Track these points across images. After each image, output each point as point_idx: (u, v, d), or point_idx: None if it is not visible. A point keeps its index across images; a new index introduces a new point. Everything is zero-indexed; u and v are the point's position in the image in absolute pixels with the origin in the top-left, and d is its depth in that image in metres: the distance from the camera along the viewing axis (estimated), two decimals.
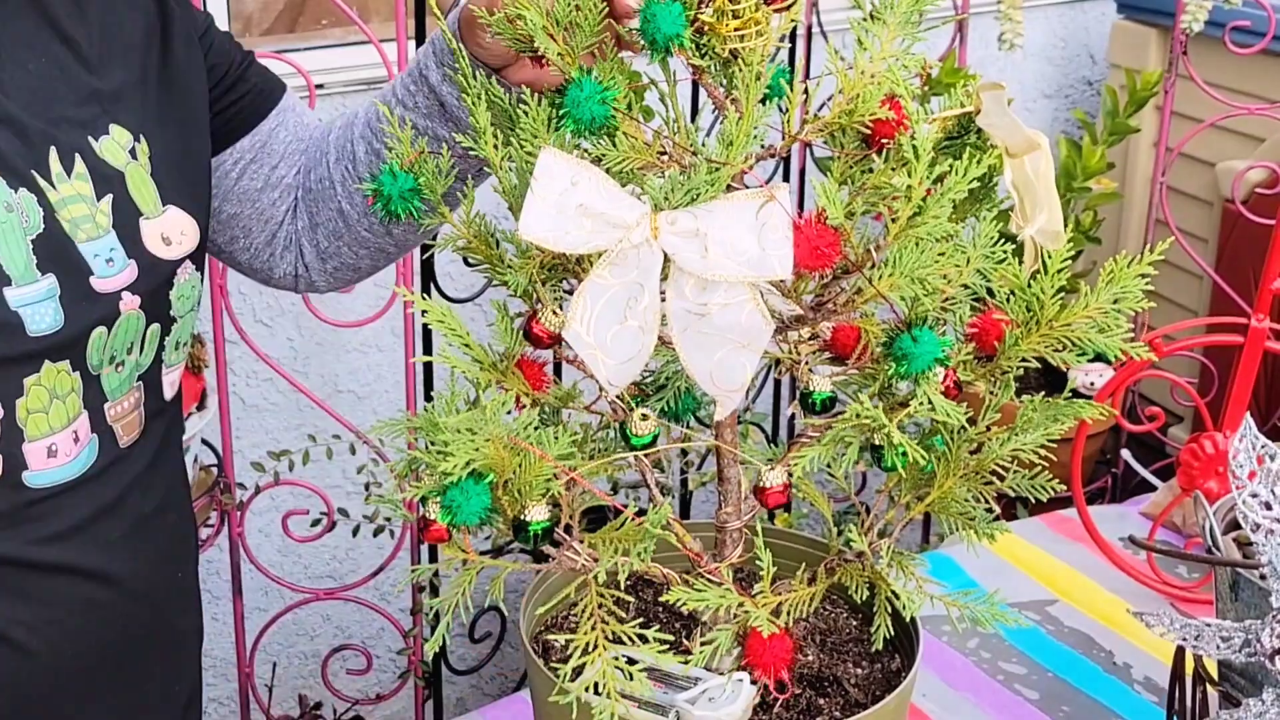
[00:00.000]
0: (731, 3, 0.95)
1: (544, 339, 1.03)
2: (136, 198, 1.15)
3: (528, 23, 0.98)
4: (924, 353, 0.96)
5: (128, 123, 1.16)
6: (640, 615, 1.18)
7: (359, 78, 2.42)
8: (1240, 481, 1.04)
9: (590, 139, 0.98)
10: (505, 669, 2.86)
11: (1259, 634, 1.02)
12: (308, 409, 2.49)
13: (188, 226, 1.19)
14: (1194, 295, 2.93)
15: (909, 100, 0.96)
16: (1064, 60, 3.25)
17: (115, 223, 1.12)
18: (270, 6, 2.49)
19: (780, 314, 1.01)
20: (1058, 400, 1.08)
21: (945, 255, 0.98)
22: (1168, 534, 1.76)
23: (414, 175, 1.05)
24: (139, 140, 1.16)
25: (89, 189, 1.11)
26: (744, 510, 1.07)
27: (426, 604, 2.19)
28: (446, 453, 0.92)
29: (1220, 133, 2.63)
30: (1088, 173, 2.69)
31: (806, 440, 1.04)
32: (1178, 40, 2.38)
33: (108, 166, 1.13)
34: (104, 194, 1.12)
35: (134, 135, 1.16)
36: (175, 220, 1.18)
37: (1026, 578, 1.68)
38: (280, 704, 2.63)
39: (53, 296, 1.07)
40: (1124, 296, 1.00)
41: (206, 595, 2.57)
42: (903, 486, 1.09)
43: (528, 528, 0.97)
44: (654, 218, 0.92)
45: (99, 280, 1.10)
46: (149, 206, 1.16)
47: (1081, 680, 1.49)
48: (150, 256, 1.15)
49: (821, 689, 1.11)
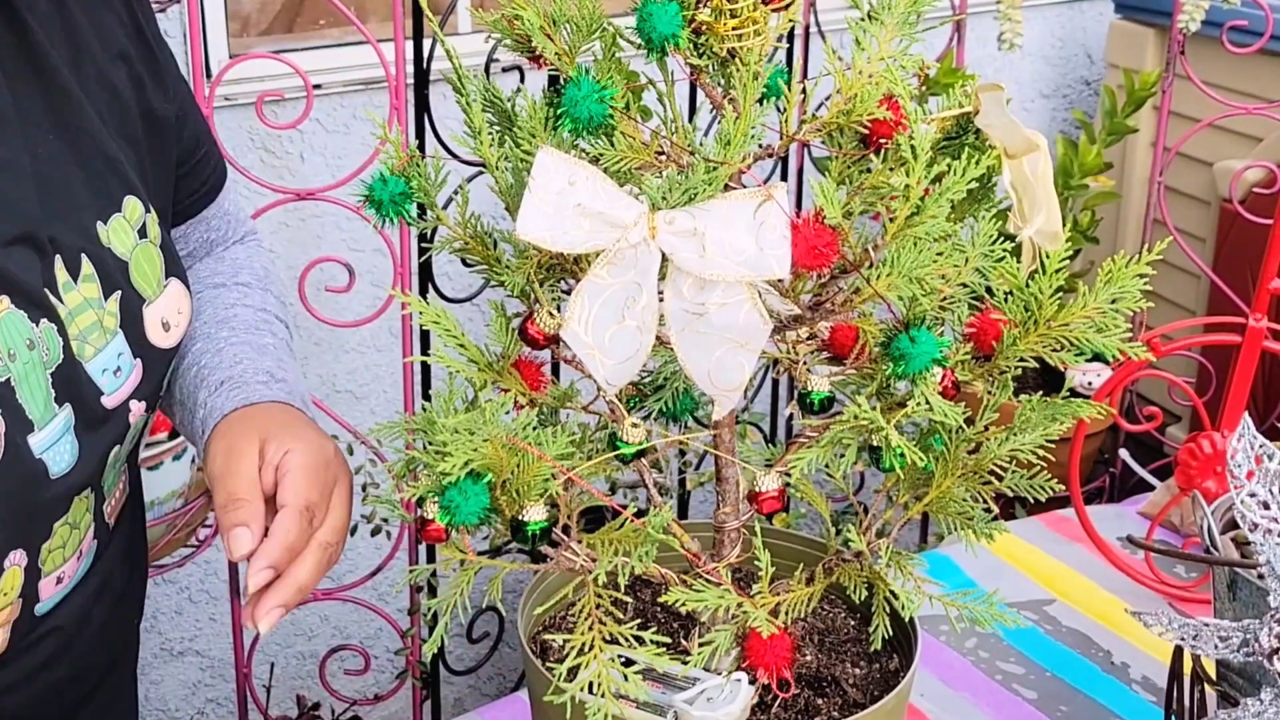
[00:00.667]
0: (729, 2, 0.95)
1: (541, 339, 1.03)
2: (140, 284, 1.07)
3: (525, 23, 0.98)
4: (922, 353, 0.96)
5: (138, 193, 1.08)
6: (639, 615, 1.18)
7: (356, 78, 2.42)
8: (1238, 481, 1.04)
9: (588, 138, 0.98)
10: (503, 669, 2.86)
11: (1257, 633, 1.02)
12: None
13: (184, 303, 1.13)
14: (1192, 295, 2.94)
15: (907, 100, 0.96)
16: (1062, 60, 3.25)
17: (122, 321, 1.05)
18: (267, 6, 2.48)
19: (778, 313, 1.01)
20: (1056, 400, 1.08)
21: (943, 255, 0.98)
22: (1166, 533, 1.76)
23: (405, 180, 1.04)
24: (149, 210, 1.09)
25: (96, 291, 1.03)
26: (742, 510, 1.07)
27: (424, 604, 2.19)
28: (444, 453, 0.92)
29: (1218, 132, 2.63)
30: (1084, 172, 2.70)
31: (804, 441, 1.04)
32: (1175, 40, 2.38)
33: (113, 257, 1.05)
34: (111, 291, 1.04)
35: (145, 205, 1.08)
36: (175, 297, 1.11)
37: (1025, 577, 1.67)
38: (278, 704, 2.63)
39: (68, 429, 1.00)
40: (1122, 296, 1.00)
41: (204, 596, 2.58)
42: (901, 486, 1.09)
43: (526, 528, 0.97)
44: (652, 217, 0.92)
45: (108, 398, 1.04)
46: (151, 289, 1.08)
47: (1079, 680, 1.49)
48: (154, 350, 1.09)
49: (820, 689, 1.11)
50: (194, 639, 2.60)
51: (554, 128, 0.98)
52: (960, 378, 1.03)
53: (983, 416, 1.06)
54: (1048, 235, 1.02)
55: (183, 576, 2.52)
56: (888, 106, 0.97)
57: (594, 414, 1.09)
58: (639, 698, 0.99)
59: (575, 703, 0.96)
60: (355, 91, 2.43)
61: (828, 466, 1.03)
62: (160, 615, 2.55)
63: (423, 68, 2.04)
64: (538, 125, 0.98)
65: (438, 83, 2.19)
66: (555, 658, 1.09)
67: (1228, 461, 1.04)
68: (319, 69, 2.37)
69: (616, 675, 0.97)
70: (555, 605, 1.15)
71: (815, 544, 1.20)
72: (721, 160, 0.94)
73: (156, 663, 2.58)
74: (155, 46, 1.15)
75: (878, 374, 1.00)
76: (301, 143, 2.42)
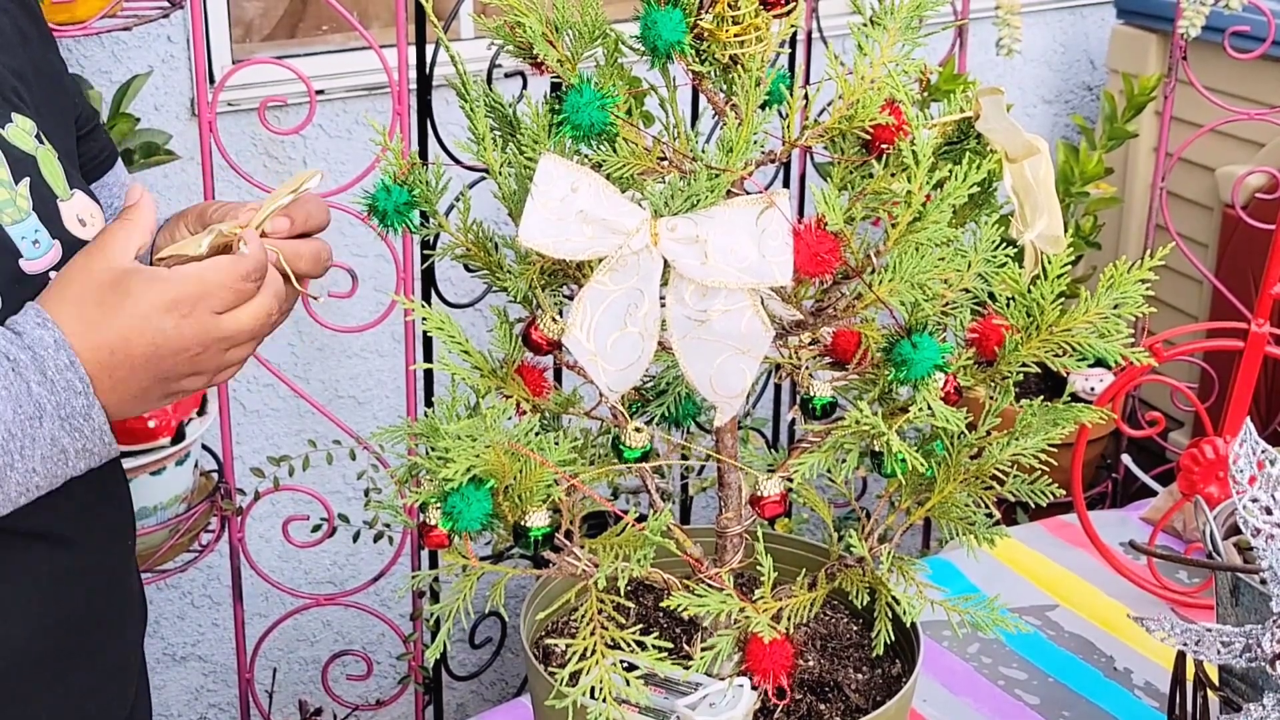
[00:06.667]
0: (731, 8, 0.95)
1: (543, 345, 1.03)
2: (50, 181, 1.13)
3: (527, 29, 0.98)
4: (923, 359, 0.96)
5: (27, 113, 1.14)
6: (641, 620, 1.18)
7: (359, 83, 2.42)
8: (1241, 486, 1.04)
9: (590, 144, 0.98)
10: (506, 674, 2.86)
11: (1259, 639, 1.02)
12: (308, 414, 2.49)
13: (95, 210, 1.17)
14: (1194, 300, 2.93)
15: (909, 105, 0.96)
16: (1063, 65, 3.25)
17: (34, 205, 1.10)
18: (270, 12, 2.49)
19: (780, 318, 1.01)
20: (1058, 405, 1.08)
21: (945, 260, 0.98)
22: (1168, 539, 1.76)
23: (408, 189, 1.05)
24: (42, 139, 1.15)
25: (5, 173, 1.08)
26: (744, 515, 1.07)
27: (427, 610, 2.19)
28: (447, 458, 0.92)
29: (1220, 138, 2.63)
30: (1085, 178, 2.70)
31: (807, 446, 1.04)
32: (1177, 45, 2.38)
33: (19, 150, 1.11)
34: (20, 177, 1.10)
35: (35, 124, 1.14)
36: (84, 203, 1.16)
37: (1027, 583, 1.67)
38: (281, 710, 2.63)
39: None
40: (1124, 301, 1.00)
41: (207, 601, 2.58)
42: (903, 492, 1.09)
43: (528, 533, 0.97)
44: (654, 224, 0.92)
45: (27, 262, 1.08)
46: (61, 189, 1.13)
47: (1082, 685, 1.49)
48: (71, 237, 1.12)
49: (822, 694, 1.11)
50: (196, 644, 2.60)
51: (556, 134, 0.98)
52: (962, 383, 1.03)
53: (985, 421, 1.06)
54: (1049, 240, 1.02)
55: (185, 581, 2.52)
56: (890, 112, 0.97)
57: (596, 419, 1.09)
58: (641, 703, 0.99)
59: (577, 708, 0.96)
60: (358, 97, 2.43)
61: (830, 472, 1.03)
62: (163, 620, 2.55)
63: (425, 73, 2.04)
64: (540, 131, 0.98)
65: (440, 88, 2.19)
66: (558, 663, 1.09)
67: (1230, 467, 1.04)
68: (322, 74, 2.37)
69: (619, 680, 0.97)
70: (558, 610, 1.15)
71: (817, 549, 1.20)
72: (724, 166, 0.94)
73: (159, 668, 2.58)
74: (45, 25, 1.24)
75: (880, 379, 1.00)
76: (304, 148, 2.43)
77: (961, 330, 1.04)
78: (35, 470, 0.99)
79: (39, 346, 0.98)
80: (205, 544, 2.12)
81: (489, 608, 1.80)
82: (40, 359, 0.98)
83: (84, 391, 0.99)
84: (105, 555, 1.20)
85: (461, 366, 1.03)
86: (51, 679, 1.15)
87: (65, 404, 0.99)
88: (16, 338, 0.98)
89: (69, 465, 1.01)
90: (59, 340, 0.98)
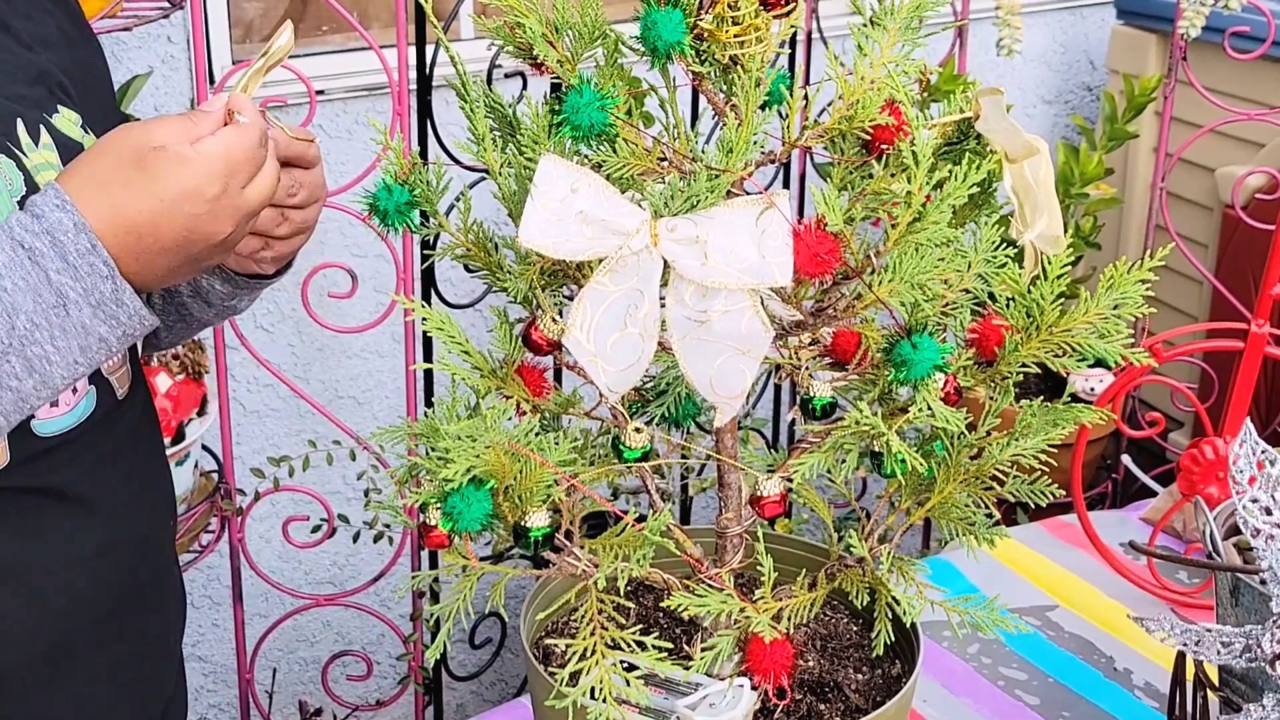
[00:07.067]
0: (731, 9, 0.95)
1: (543, 345, 1.03)
2: None
3: (527, 30, 0.98)
4: (923, 359, 0.96)
5: (72, 106, 1.16)
6: (641, 621, 1.18)
7: (360, 84, 2.42)
8: (1240, 487, 1.04)
9: (590, 145, 0.98)
10: (506, 675, 2.86)
11: (1259, 639, 1.02)
12: (308, 415, 2.49)
13: None
14: (1194, 300, 2.93)
15: (909, 106, 0.96)
16: (1063, 66, 3.25)
17: None
18: (270, 12, 2.49)
19: (780, 319, 1.01)
20: (1057, 405, 1.08)
21: (945, 261, 0.98)
22: (1168, 539, 1.76)
23: (409, 188, 1.05)
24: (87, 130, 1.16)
25: (56, 158, 1.09)
26: (744, 516, 1.07)
27: (427, 610, 2.19)
28: (447, 459, 0.92)
29: (1220, 138, 2.63)
30: (1085, 178, 2.70)
31: (806, 446, 1.04)
32: (1177, 45, 2.38)
33: (68, 138, 1.12)
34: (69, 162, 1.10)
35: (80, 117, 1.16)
36: None
37: (1027, 583, 1.67)
38: (280, 710, 2.63)
39: None
40: (1124, 302, 1.00)
41: (206, 601, 2.58)
42: (903, 492, 1.09)
43: (528, 534, 0.97)
44: (654, 224, 0.92)
45: None
46: None
47: (1082, 686, 1.49)
48: None
49: (822, 694, 1.11)
50: (196, 644, 2.60)
51: (556, 134, 0.98)
52: (962, 383, 1.03)
53: (984, 422, 1.06)
54: (1049, 240, 1.02)
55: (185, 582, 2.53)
56: (890, 112, 0.97)
57: (596, 420, 1.09)
58: (641, 703, 0.99)
59: (577, 708, 0.96)
60: (358, 97, 2.43)
61: (830, 472, 1.03)
62: None
63: (425, 74, 2.04)
64: (540, 131, 0.98)
65: (440, 88, 2.19)
66: (558, 663, 1.09)
67: (1230, 467, 1.04)
68: (322, 75, 2.37)
69: (619, 680, 0.97)
70: (558, 611, 1.15)
71: (817, 549, 1.20)
72: (724, 167, 0.94)
73: None
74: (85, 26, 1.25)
75: (880, 380, 1.00)
76: None
77: (961, 331, 1.04)
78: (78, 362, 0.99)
79: (58, 231, 0.97)
80: (205, 544, 2.12)
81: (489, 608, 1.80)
82: (61, 245, 0.97)
83: (110, 275, 0.98)
84: (148, 531, 1.22)
85: (461, 367, 1.03)
86: (93, 647, 1.16)
87: (94, 290, 0.98)
88: (35, 221, 0.98)
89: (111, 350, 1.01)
90: (79, 224, 0.97)
